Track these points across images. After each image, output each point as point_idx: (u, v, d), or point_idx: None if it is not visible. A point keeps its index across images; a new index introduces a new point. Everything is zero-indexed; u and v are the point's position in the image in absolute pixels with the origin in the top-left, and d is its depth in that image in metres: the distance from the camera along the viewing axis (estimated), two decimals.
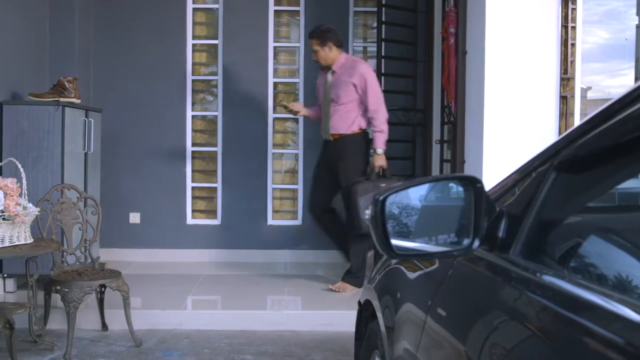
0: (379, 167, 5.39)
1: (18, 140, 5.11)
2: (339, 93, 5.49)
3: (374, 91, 5.42)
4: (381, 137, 5.39)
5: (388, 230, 1.58)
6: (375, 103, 5.40)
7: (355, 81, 5.41)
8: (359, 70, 5.43)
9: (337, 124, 5.52)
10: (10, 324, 3.56)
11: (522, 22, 4.43)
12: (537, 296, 1.35)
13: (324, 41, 5.55)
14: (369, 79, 5.42)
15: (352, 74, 5.44)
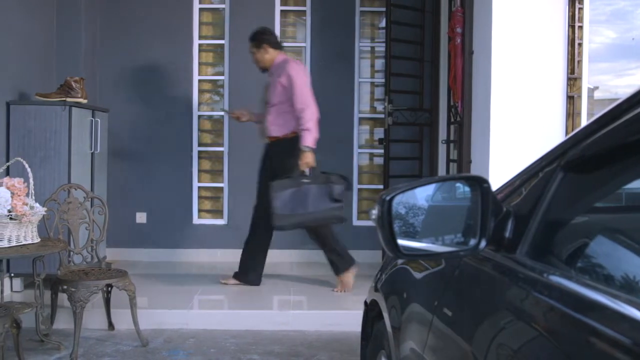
0: (305, 164, 5.29)
1: (25, 140, 5.13)
2: (271, 94, 5.50)
3: (299, 89, 5.34)
4: (307, 135, 5.27)
5: (395, 230, 1.58)
6: (300, 101, 5.32)
7: (283, 81, 5.38)
8: (286, 69, 5.39)
9: (271, 126, 5.50)
10: (17, 323, 3.57)
11: (529, 21, 4.42)
12: (544, 296, 1.34)
13: (259, 43, 5.57)
14: (294, 77, 5.36)
15: (280, 74, 5.42)
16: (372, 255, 6.53)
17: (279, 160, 5.46)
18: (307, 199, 5.23)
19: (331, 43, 6.86)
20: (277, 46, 5.61)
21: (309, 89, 5.44)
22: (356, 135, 6.95)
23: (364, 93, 7.08)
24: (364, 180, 7.05)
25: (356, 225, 6.92)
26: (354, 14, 6.91)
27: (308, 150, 5.27)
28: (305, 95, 5.36)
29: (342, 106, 6.87)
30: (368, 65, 7.10)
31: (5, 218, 3.72)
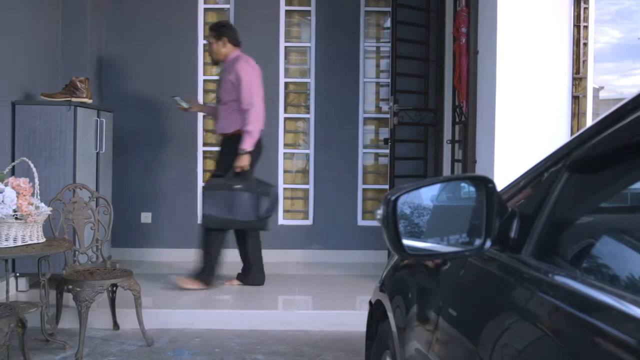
0: (239, 167, 5.30)
1: (30, 140, 5.14)
2: (221, 91, 5.49)
3: (246, 89, 5.29)
4: (248, 138, 5.26)
5: (400, 230, 1.58)
6: (246, 102, 5.28)
7: (232, 78, 5.35)
8: (235, 67, 5.36)
9: (221, 123, 5.49)
10: (22, 322, 3.58)
11: (534, 21, 4.41)
12: (549, 297, 1.34)
13: (219, 35, 5.51)
14: (242, 75, 5.31)
15: (230, 72, 5.39)
16: (377, 255, 6.54)
17: (227, 158, 5.43)
18: (236, 205, 5.29)
19: (336, 43, 6.86)
20: (236, 43, 5.55)
21: (258, 89, 5.39)
22: (361, 135, 6.95)
23: (369, 93, 7.08)
24: (369, 180, 7.05)
25: (361, 225, 6.92)
26: (359, 14, 6.91)
27: (245, 153, 5.28)
28: (252, 95, 5.30)
29: (347, 106, 6.88)
30: (373, 65, 7.10)
31: (11, 218, 3.73)
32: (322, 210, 6.90)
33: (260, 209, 5.36)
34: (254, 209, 5.33)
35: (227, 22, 5.67)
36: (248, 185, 5.33)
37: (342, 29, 6.87)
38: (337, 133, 6.87)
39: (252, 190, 5.33)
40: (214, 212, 5.26)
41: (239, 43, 5.58)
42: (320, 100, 6.91)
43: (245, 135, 5.26)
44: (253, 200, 5.31)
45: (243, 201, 5.28)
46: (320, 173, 6.91)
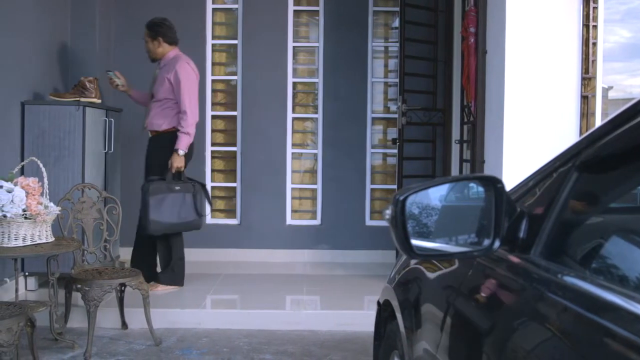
0: (175, 167, 5.26)
1: (39, 140, 5.15)
2: (157, 88, 5.38)
3: (185, 91, 5.26)
4: (184, 139, 5.25)
5: (408, 230, 1.57)
6: (184, 103, 5.24)
7: (171, 78, 5.28)
8: (175, 68, 5.29)
9: (153, 120, 5.38)
10: (31, 321, 3.59)
11: (543, 21, 4.40)
12: (558, 297, 1.34)
13: (154, 35, 5.45)
14: (181, 77, 5.26)
15: (169, 71, 5.32)
16: (385, 255, 6.54)
17: (156, 156, 5.36)
18: (176, 207, 5.24)
19: (344, 43, 6.86)
20: (172, 41, 5.49)
21: (195, 91, 5.38)
22: (369, 135, 6.95)
23: (377, 93, 7.08)
24: (377, 180, 7.05)
25: (369, 225, 6.92)
26: (367, 14, 6.91)
27: (182, 154, 5.26)
28: (190, 98, 5.28)
29: (355, 106, 6.88)
30: (381, 65, 7.10)
31: (20, 217, 3.74)
32: (330, 210, 6.90)
33: (198, 207, 5.35)
34: (194, 208, 5.33)
35: (162, 21, 5.51)
36: (186, 186, 5.33)
37: (351, 29, 6.87)
38: (345, 133, 6.87)
39: (189, 190, 5.32)
40: (159, 217, 5.15)
41: (175, 42, 5.52)
42: (329, 100, 6.91)
43: (183, 136, 5.24)
44: (191, 200, 5.32)
45: (185, 202, 5.27)
46: (328, 173, 6.91)
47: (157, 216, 5.14)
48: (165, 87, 5.31)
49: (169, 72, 5.30)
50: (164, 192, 5.19)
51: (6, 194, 3.71)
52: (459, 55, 5.89)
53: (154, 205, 5.12)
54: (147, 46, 5.48)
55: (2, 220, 3.73)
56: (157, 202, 5.13)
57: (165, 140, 5.32)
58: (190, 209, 5.31)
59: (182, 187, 5.29)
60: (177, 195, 5.25)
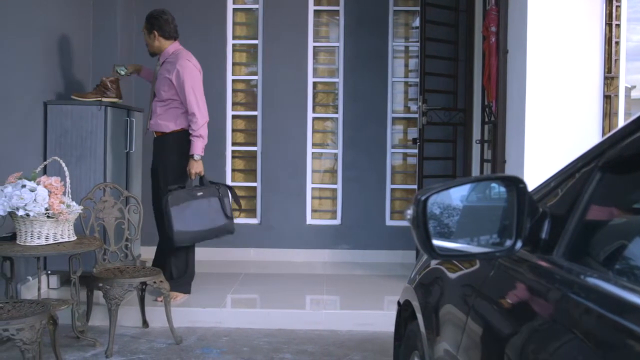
0: (195, 174, 5.04)
1: (62, 140, 5.19)
2: (159, 88, 5.11)
3: (190, 91, 5.00)
4: (199, 143, 5.01)
5: (429, 231, 1.57)
6: (192, 105, 5.00)
7: (173, 78, 5.01)
8: (176, 66, 5.01)
9: (159, 120, 5.12)
10: (54, 319, 3.62)
11: (565, 20, 4.37)
12: (581, 298, 1.33)
13: (150, 27, 5.17)
14: (185, 77, 4.99)
15: (170, 70, 5.04)
16: (405, 256, 6.53)
17: (164, 158, 5.14)
18: (203, 213, 4.98)
19: (365, 43, 6.85)
20: (170, 36, 5.15)
21: (201, 89, 5.13)
22: (389, 134, 6.93)
23: (398, 92, 7.06)
24: (398, 180, 7.04)
25: (389, 225, 6.91)
26: (388, 14, 6.90)
27: (198, 159, 5.04)
28: (197, 98, 5.04)
29: (375, 106, 6.87)
30: (401, 65, 7.09)
31: (43, 216, 3.78)
32: (350, 210, 6.90)
33: (226, 210, 5.11)
34: (222, 212, 5.09)
35: (159, 14, 5.16)
36: (209, 190, 5.06)
37: (371, 29, 6.86)
38: (365, 133, 6.87)
39: (214, 194, 5.07)
40: (184, 227, 4.86)
41: (172, 36, 5.19)
42: (349, 100, 6.90)
43: (196, 140, 5.00)
44: (218, 203, 5.08)
45: (211, 207, 5.03)
46: (348, 173, 6.91)
47: (182, 226, 4.86)
48: (167, 87, 5.06)
49: (170, 72, 5.02)
50: (186, 200, 4.90)
51: (29, 193, 3.74)
52: (480, 55, 5.87)
53: (177, 216, 4.82)
54: (145, 39, 5.24)
55: (25, 219, 3.77)
56: (180, 212, 4.84)
57: (172, 141, 5.11)
58: (218, 213, 5.06)
59: (205, 192, 5.03)
60: (200, 201, 4.97)
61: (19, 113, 4.87)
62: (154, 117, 5.16)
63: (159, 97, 5.13)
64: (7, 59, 4.65)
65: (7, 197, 3.74)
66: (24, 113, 4.94)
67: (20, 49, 4.84)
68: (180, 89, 5.00)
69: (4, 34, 4.60)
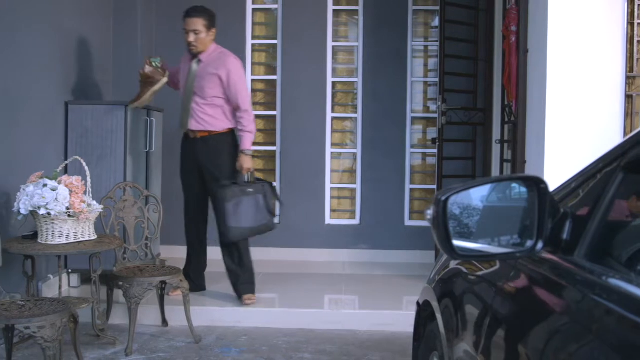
0: (246, 169, 5.01)
1: (83, 139, 5.23)
2: (203, 86, 5.01)
3: (241, 88, 5.00)
4: (249, 138, 5.00)
5: (450, 231, 1.56)
6: (244, 102, 4.98)
7: (222, 75, 4.95)
8: (226, 63, 4.98)
9: (206, 119, 5.03)
10: (74, 318, 3.65)
11: (586, 19, 4.33)
12: (603, 299, 1.32)
13: (209, 25, 5.05)
14: (236, 74, 4.98)
15: (218, 67, 4.97)
16: (425, 256, 6.51)
17: (214, 157, 5.08)
18: (253, 209, 4.96)
19: (384, 42, 6.84)
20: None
21: (247, 89, 5.19)
22: (409, 134, 6.92)
23: (417, 92, 7.04)
24: (417, 180, 7.02)
25: (408, 225, 6.89)
26: (407, 13, 6.88)
27: (249, 154, 5.02)
28: (246, 94, 5.05)
29: (394, 106, 6.85)
30: (421, 65, 7.06)
31: (64, 215, 3.81)
32: (369, 210, 6.89)
33: (270, 208, 5.08)
34: (266, 209, 5.05)
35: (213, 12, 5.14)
36: (257, 187, 5.04)
37: (390, 28, 6.85)
38: (384, 133, 6.85)
39: (260, 192, 5.02)
40: (237, 223, 4.90)
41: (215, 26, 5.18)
42: (368, 100, 6.89)
43: (247, 136, 4.99)
44: (263, 201, 5.04)
45: (259, 204, 5.00)
46: (367, 173, 6.90)
47: (236, 222, 4.88)
48: (214, 85, 4.98)
49: (219, 69, 4.96)
50: (239, 196, 4.90)
51: (50, 192, 3.77)
52: (500, 54, 5.84)
53: (232, 212, 4.85)
54: (198, 38, 5.00)
55: (46, 218, 3.80)
56: (234, 208, 4.86)
57: (222, 140, 5.08)
58: (264, 210, 5.04)
59: (254, 189, 5.01)
60: (251, 198, 4.96)
61: (41, 113, 4.91)
62: (197, 116, 5.05)
63: (201, 95, 5.02)
64: (29, 59, 4.69)
65: (28, 197, 3.77)
66: (45, 113, 4.98)
67: (41, 50, 4.88)
68: (231, 86, 4.97)
69: (26, 34, 4.64)
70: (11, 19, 4.43)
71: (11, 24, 4.43)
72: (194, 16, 5.00)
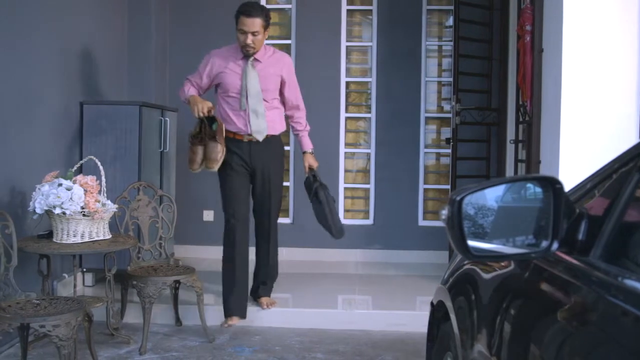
0: (315, 168, 4.97)
1: (97, 139, 5.25)
2: (269, 88, 4.70)
3: (298, 87, 4.87)
4: (308, 136, 4.96)
5: (464, 231, 1.56)
6: (301, 99, 4.89)
7: (285, 74, 4.74)
8: (286, 62, 4.79)
9: (269, 122, 4.74)
10: (89, 316, 3.67)
11: (601, 18, 4.31)
12: (619, 300, 1.31)
13: (267, 24, 4.68)
14: (292, 74, 4.83)
15: (281, 67, 4.73)
16: (438, 256, 6.49)
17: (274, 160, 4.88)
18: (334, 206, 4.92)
19: (397, 42, 6.83)
20: None
21: None
22: (422, 134, 6.90)
23: (431, 92, 7.03)
24: (430, 180, 7.00)
25: (422, 225, 6.88)
26: (421, 13, 6.86)
27: (312, 152, 5.01)
28: (300, 95, 4.92)
29: (408, 105, 6.84)
30: (435, 64, 7.05)
31: (79, 214, 3.83)
32: (383, 210, 6.88)
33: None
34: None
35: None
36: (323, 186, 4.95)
37: (404, 28, 6.83)
38: (398, 132, 6.84)
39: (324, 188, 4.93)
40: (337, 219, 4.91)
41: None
42: (382, 100, 6.88)
43: (307, 134, 4.97)
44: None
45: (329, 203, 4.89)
46: (381, 173, 6.89)
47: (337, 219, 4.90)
48: (274, 86, 4.73)
49: (282, 69, 4.72)
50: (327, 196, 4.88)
51: (65, 191, 3.79)
52: (515, 54, 5.81)
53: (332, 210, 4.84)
54: (256, 39, 4.60)
55: (61, 218, 3.82)
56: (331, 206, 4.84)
57: (279, 142, 4.92)
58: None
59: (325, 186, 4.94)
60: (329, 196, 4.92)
61: (56, 113, 4.94)
62: (261, 119, 4.70)
63: (267, 98, 4.71)
64: (44, 59, 4.72)
65: (44, 196, 3.79)
66: (60, 113, 5.01)
67: (56, 49, 4.91)
68: (293, 86, 4.83)
69: (42, 34, 4.66)
70: (26, 19, 4.46)
71: (27, 24, 4.46)
72: (254, 16, 4.58)
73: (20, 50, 4.39)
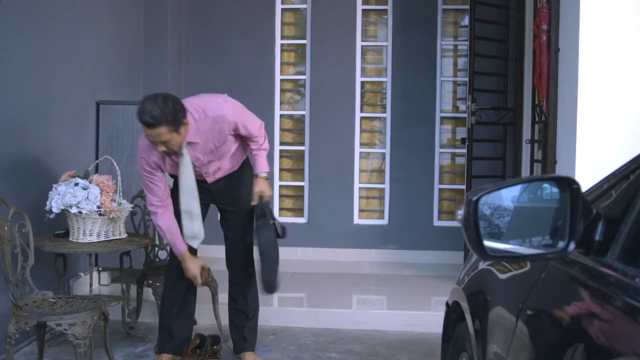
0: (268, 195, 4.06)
1: (113, 139, 5.28)
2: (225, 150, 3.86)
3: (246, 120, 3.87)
4: (265, 157, 4.04)
5: (480, 232, 1.55)
6: (255, 130, 3.90)
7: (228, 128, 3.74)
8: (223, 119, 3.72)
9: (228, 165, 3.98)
10: (105, 315, 3.68)
11: (618, 17, 4.28)
12: (636, 301, 1.30)
13: (178, 123, 3.56)
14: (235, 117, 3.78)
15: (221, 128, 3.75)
16: (453, 256, 6.46)
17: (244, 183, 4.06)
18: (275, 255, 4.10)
19: (413, 42, 6.81)
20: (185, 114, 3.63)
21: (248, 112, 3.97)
22: (438, 134, 6.88)
23: (446, 92, 7.01)
24: (446, 180, 6.98)
25: (437, 225, 6.86)
26: (437, 12, 6.85)
27: (266, 176, 4.05)
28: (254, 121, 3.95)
29: (423, 105, 6.82)
30: (450, 64, 7.03)
31: (95, 214, 3.85)
32: (398, 210, 6.87)
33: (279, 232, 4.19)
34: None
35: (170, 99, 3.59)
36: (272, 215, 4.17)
37: (419, 28, 6.82)
38: (413, 132, 6.83)
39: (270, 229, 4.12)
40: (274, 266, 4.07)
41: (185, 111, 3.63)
42: (397, 99, 6.87)
43: (264, 155, 4.04)
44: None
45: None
46: (396, 172, 6.88)
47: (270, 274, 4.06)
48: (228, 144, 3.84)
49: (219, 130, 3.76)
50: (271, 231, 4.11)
51: (82, 191, 3.82)
52: (531, 53, 5.78)
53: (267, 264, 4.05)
54: (171, 143, 3.61)
55: (77, 217, 3.84)
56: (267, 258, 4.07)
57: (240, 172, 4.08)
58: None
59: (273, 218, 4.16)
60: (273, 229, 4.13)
61: (72, 113, 4.97)
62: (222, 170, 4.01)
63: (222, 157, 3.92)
64: (60, 59, 4.74)
65: (60, 195, 3.82)
66: (76, 113, 5.03)
67: (74, 49, 4.93)
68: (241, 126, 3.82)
69: (58, 35, 4.69)
70: (44, 19, 4.49)
71: (44, 24, 4.49)
72: (155, 126, 3.54)
73: (38, 51, 4.42)
